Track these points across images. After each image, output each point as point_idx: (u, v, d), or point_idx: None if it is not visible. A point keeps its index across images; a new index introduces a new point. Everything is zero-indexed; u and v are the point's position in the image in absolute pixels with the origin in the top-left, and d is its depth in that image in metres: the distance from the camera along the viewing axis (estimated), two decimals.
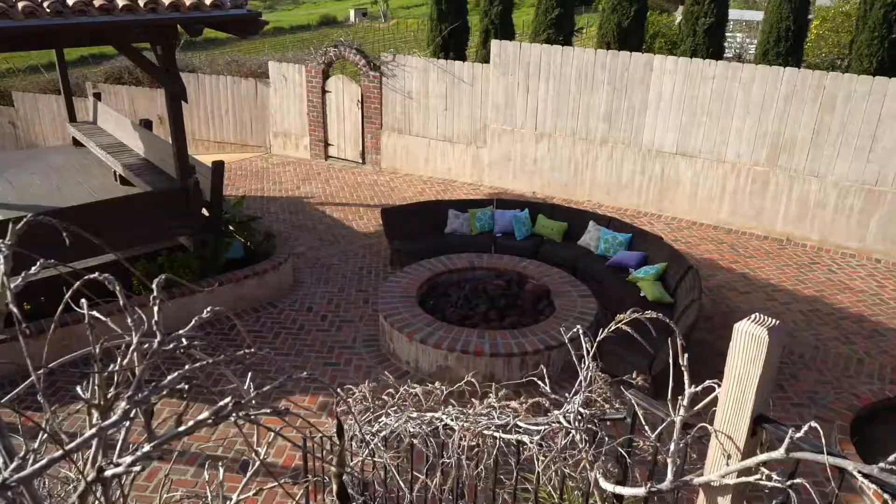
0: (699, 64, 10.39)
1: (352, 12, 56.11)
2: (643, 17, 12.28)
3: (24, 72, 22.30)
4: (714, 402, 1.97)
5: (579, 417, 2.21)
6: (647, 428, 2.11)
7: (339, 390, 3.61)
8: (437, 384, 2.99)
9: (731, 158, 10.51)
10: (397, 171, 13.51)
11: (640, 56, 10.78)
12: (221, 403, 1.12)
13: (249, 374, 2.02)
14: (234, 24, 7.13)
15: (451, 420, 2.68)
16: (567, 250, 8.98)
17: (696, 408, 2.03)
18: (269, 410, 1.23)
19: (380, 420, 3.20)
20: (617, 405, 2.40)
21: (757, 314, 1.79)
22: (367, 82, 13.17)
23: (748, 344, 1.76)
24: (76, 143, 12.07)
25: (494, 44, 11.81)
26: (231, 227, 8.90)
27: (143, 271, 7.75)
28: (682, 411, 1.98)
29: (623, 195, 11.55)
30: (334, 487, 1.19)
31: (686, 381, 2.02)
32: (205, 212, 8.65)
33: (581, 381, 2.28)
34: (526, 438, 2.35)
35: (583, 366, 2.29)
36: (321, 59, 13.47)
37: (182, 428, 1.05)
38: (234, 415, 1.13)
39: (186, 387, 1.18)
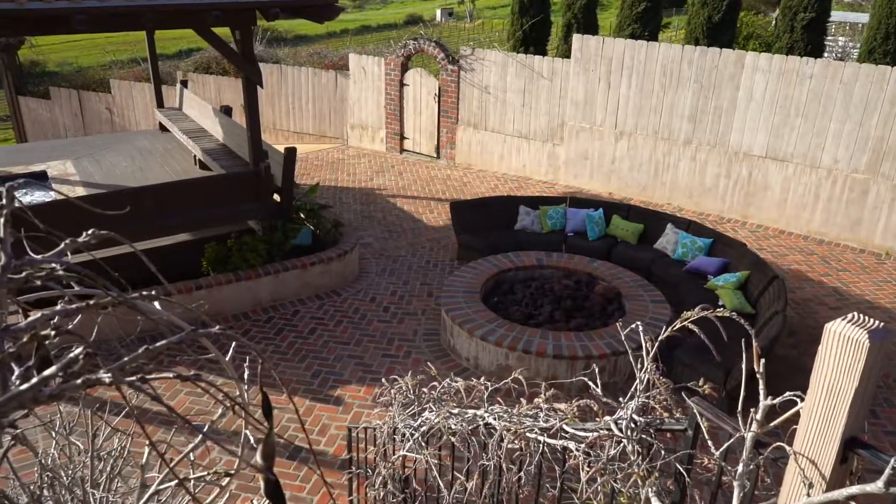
0: (796, 62, 9.71)
1: (438, 12, 56.37)
2: (735, 13, 11.63)
3: (126, 64, 23.39)
4: (795, 418, 1.67)
5: (632, 425, 1.94)
6: (711, 443, 1.82)
7: (383, 380, 3.44)
8: (482, 380, 2.77)
9: (826, 164, 9.78)
10: (471, 167, 13.31)
11: (731, 52, 10.18)
12: (71, 356, 0.93)
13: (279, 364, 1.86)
14: (309, 8, 7.10)
15: (494, 419, 2.46)
16: (642, 253, 8.55)
17: (772, 424, 1.72)
18: (173, 374, 1.02)
19: (423, 414, 3.01)
20: (678, 415, 2.12)
21: (854, 313, 1.48)
22: (444, 76, 13.04)
23: (843, 349, 1.46)
24: (162, 128, 12.47)
25: (576, 38, 11.44)
26: (301, 214, 8.92)
27: (212, 253, 7.86)
28: (754, 426, 1.69)
29: (706, 199, 10.96)
30: (262, 485, 0.98)
31: (761, 393, 1.73)
32: (276, 197, 8.71)
33: (637, 385, 2.00)
34: (572, 445, 2.10)
35: (640, 368, 2.02)
36: (401, 51, 13.44)
37: (23, 387, 0.85)
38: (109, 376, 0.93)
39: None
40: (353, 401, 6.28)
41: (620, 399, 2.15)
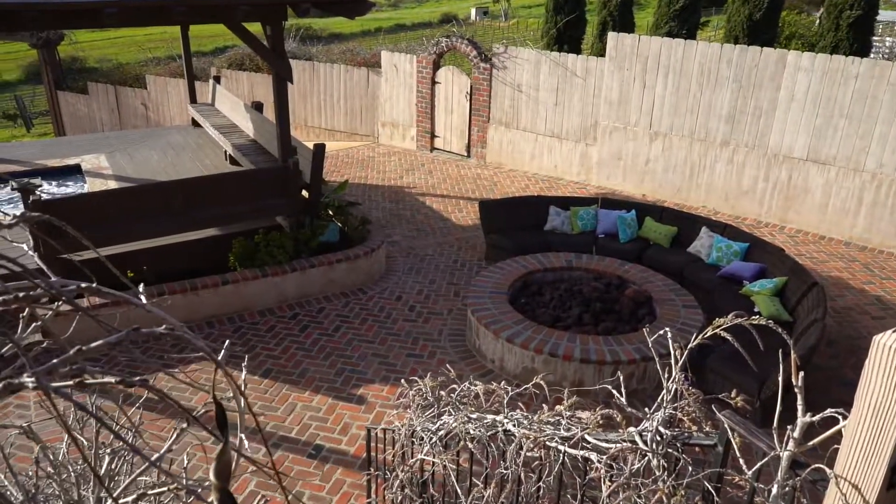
0: (840, 61, 9.38)
1: (473, 11, 56.16)
2: (777, 11, 11.30)
3: (163, 60, 23.75)
4: (837, 437, 1.53)
5: (658, 438, 1.81)
6: (743, 461, 1.69)
7: (403, 381, 3.35)
8: (502, 384, 2.66)
9: (871, 167, 9.43)
10: (502, 166, 13.17)
11: (772, 51, 9.88)
12: None
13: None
14: (340, 3, 7.05)
15: (513, 425, 2.34)
16: (674, 256, 8.34)
17: (811, 443, 1.59)
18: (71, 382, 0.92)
19: (442, 417, 2.91)
20: (708, 428, 1.98)
21: None
22: (477, 74, 12.92)
23: (893, 364, 1.32)
24: (195, 123, 12.58)
25: (611, 36, 11.23)
26: (329, 211, 8.88)
27: (239, 248, 7.85)
28: (791, 445, 1.55)
29: (743, 202, 10.67)
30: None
31: (800, 408, 1.59)
32: (304, 193, 8.69)
33: (665, 395, 1.87)
34: (594, 456, 1.98)
35: (668, 377, 1.89)
36: (433, 49, 13.35)
37: None
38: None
39: None
40: (376, 400, 6.21)
41: (647, 409, 2.02)
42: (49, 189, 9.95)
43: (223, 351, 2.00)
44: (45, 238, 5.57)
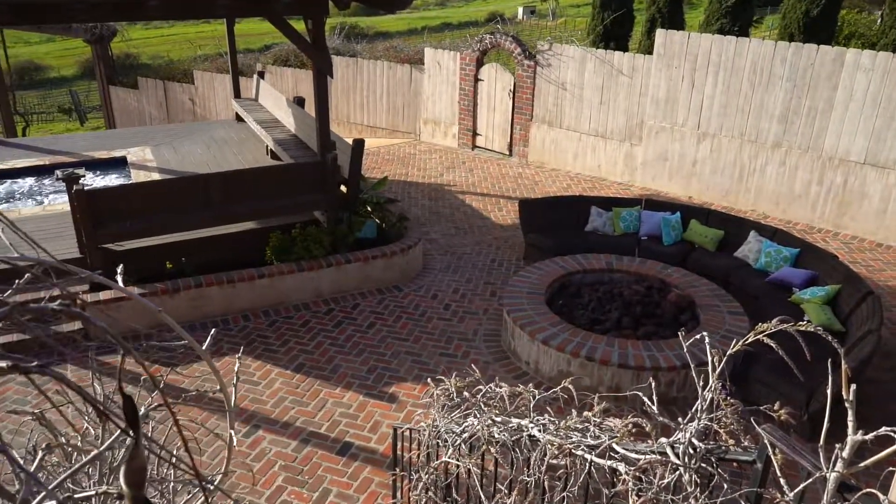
0: None
1: (520, 10, 55.78)
2: (836, 8, 10.83)
3: (213, 57, 24.18)
4: (892, 459, 1.36)
5: (691, 451, 1.67)
6: (784, 481, 1.53)
7: (429, 380, 3.24)
8: (529, 387, 2.53)
9: None
10: (544, 166, 12.97)
11: (830, 50, 9.47)
12: None
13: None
14: None
15: (538, 430, 2.21)
16: (720, 261, 8.05)
17: (862, 464, 1.42)
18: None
19: (467, 419, 2.79)
20: (746, 443, 1.82)
21: None
22: (520, 71, 12.75)
23: None
24: (239, 118, 12.71)
25: (659, 33, 10.93)
26: (368, 207, 8.84)
27: (276, 242, 7.87)
28: (839, 465, 1.39)
29: (794, 207, 10.27)
30: None
31: (850, 424, 1.43)
32: (343, 189, 8.67)
33: (700, 405, 1.72)
34: (622, 467, 1.84)
35: (704, 385, 1.73)
36: (477, 46, 13.23)
37: None
38: None
39: None
40: (408, 399, 6.12)
41: (681, 419, 1.87)
42: (93, 180, 10.16)
43: (208, 339, 1.92)
44: (88, 228, 5.63)
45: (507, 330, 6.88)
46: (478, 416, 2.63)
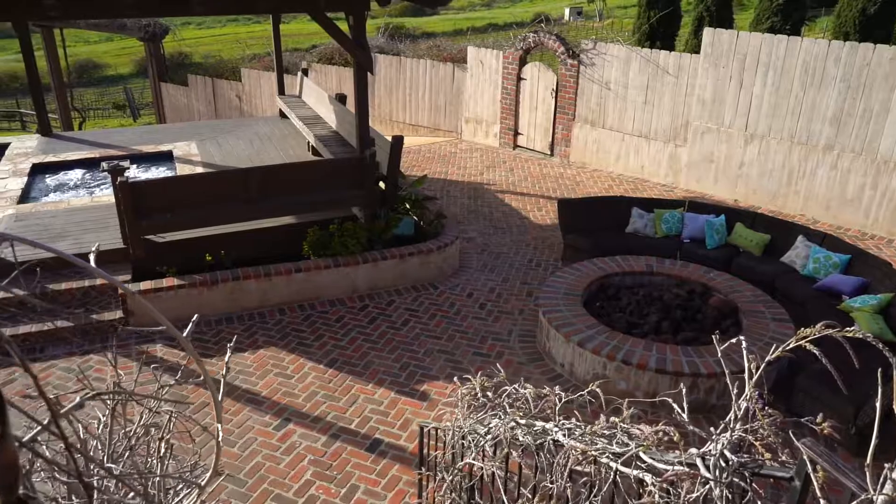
0: None
1: (566, 10, 55.31)
2: (894, 6, 10.38)
3: (261, 56, 24.54)
4: None
5: (723, 464, 1.56)
6: (825, 502, 1.42)
7: (455, 380, 3.17)
8: (555, 389, 2.44)
9: None
10: (585, 166, 12.78)
11: (887, 49, 9.08)
12: None
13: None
14: None
15: (563, 435, 2.13)
16: (766, 266, 7.79)
17: None
18: None
19: (492, 420, 2.72)
20: (784, 458, 1.70)
21: None
22: (563, 70, 12.58)
23: None
24: (282, 114, 12.84)
25: (707, 32, 10.65)
26: (406, 205, 8.82)
27: (314, 237, 7.90)
28: (888, 487, 1.28)
29: (846, 212, 9.88)
30: None
31: None
32: (381, 185, 8.66)
33: (734, 415, 1.62)
34: (648, 477, 1.75)
35: (740, 394, 1.63)
36: (520, 44, 13.11)
37: None
38: None
39: None
40: (439, 398, 6.07)
41: (713, 429, 1.76)
42: (137, 172, 10.38)
43: (190, 325, 1.87)
44: (131, 219, 5.72)
45: (542, 331, 6.77)
46: (502, 417, 2.55)
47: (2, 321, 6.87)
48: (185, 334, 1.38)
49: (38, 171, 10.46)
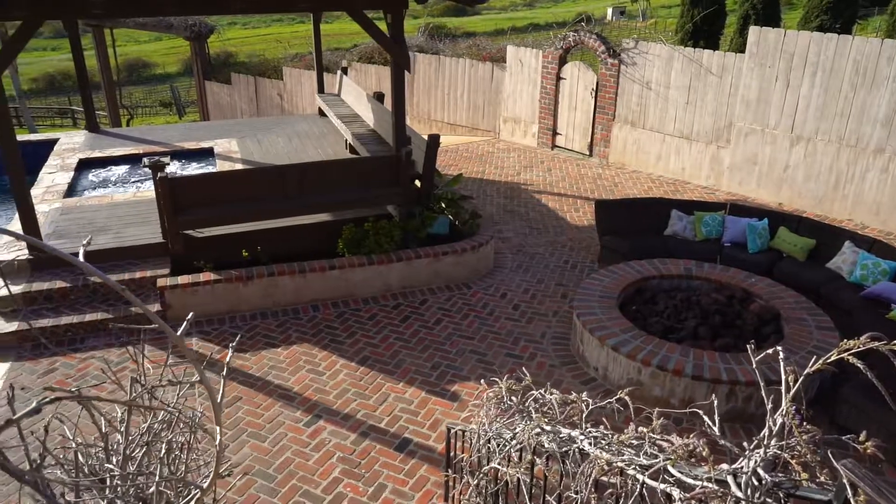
0: None
1: (609, 10, 54.64)
2: None
3: (303, 56, 24.81)
4: None
5: (755, 483, 1.48)
6: None
7: (482, 382, 3.11)
8: (583, 395, 2.37)
9: None
10: (625, 167, 12.58)
11: None
12: None
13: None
14: None
15: (589, 443, 2.06)
16: (810, 272, 7.54)
17: None
18: None
19: (518, 425, 2.66)
20: (823, 478, 1.61)
21: None
22: (604, 70, 12.40)
23: None
24: (321, 112, 12.94)
25: (752, 31, 10.37)
26: (442, 204, 8.79)
27: (349, 234, 7.92)
28: None
29: None
30: None
31: None
32: (417, 184, 8.65)
33: (768, 431, 1.53)
34: (676, 492, 1.67)
35: (774, 407, 1.54)
36: (560, 44, 12.96)
37: None
38: None
39: None
40: (469, 398, 6.01)
41: (746, 444, 1.67)
42: (178, 168, 10.55)
43: (185, 323, 1.85)
44: (170, 213, 5.81)
45: (576, 334, 6.66)
46: (527, 423, 2.49)
47: (46, 312, 7.05)
48: (178, 333, 1.36)
49: (84, 166, 10.72)
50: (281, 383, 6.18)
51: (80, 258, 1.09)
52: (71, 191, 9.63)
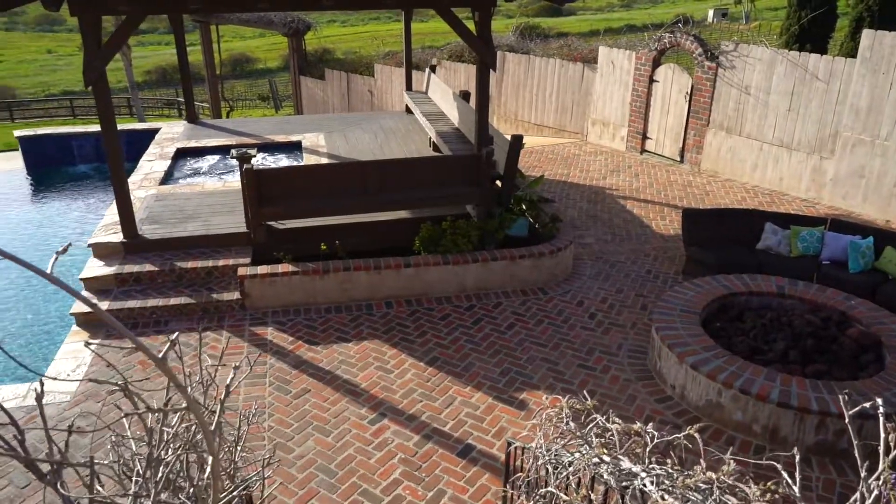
0: None
1: (710, 12, 52.58)
2: None
3: (396, 53, 25.12)
4: None
5: None
6: None
7: (544, 397, 2.97)
8: (648, 427, 2.19)
9: None
10: (717, 175, 12.01)
11: None
12: None
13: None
14: None
15: (651, 482, 1.90)
16: None
17: None
18: None
19: (574, 451, 2.51)
20: None
21: None
22: (699, 73, 11.87)
23: None
24: (408, 109, 13.01)
25: (866, 34, 9.64)
26: (522, 206, 8.63)
27: (426, 233, 7.89)
28: None
29: None
30: None
31: None
32: (497, 184, 8.53)
33: (860, 496, 1.34)
34: None
35: (869, 470, 1.34)
36: (654, 45, 12.51)
37: None
38: None
39: None
40: (537, 408, 5.85)
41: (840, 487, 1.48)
42: (266, 160, 10.85)
43: (167, 346, 1.79)
44: (254, 204, 5.94)
45: (653, 348, 6.38)
46: (586, 451, 2.34)
47: (135, 293, 7.37)
48: (160, 356, 1.30)
49: (181, 155, 11.19)
50: (349, 378, 6.22)
51: (49, 269, 1.06)
52: (167, 178, 10.06)
